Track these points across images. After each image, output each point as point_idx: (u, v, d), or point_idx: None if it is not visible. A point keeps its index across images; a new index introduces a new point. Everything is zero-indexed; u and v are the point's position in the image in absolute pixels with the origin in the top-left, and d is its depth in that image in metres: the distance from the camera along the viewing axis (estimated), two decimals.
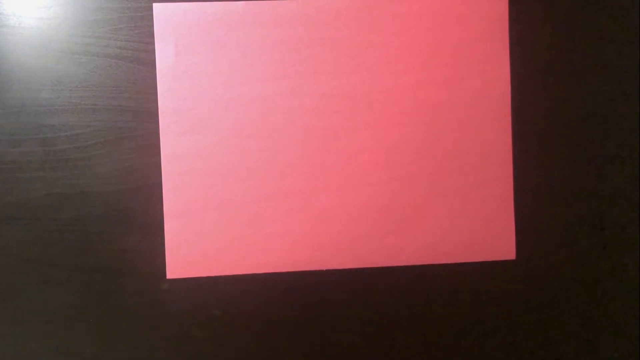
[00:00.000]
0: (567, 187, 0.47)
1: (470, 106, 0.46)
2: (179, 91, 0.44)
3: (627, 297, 0.47)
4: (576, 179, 0.47)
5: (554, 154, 0.46)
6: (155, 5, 0.44)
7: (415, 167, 0.46)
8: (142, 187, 0.45)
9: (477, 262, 0.46)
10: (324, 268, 0.46)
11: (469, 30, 0.46)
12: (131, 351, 0.45)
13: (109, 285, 0.45)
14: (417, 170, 0.46)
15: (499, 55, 0.46)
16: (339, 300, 0.47)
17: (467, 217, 0.46)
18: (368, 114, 0.46)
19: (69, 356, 0.45)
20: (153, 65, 0.45)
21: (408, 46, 0.45)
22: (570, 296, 0.47)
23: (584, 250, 0.47)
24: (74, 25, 0.44)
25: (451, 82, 0.46)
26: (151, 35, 0.45)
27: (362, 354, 0.47)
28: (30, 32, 0.44)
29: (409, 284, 0.47)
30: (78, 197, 0.45)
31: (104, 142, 0.45)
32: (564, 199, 0.47)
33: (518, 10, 0.46)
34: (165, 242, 0.45)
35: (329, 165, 0.45)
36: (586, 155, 0.46)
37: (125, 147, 0.45)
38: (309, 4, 0.45)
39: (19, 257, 0.45)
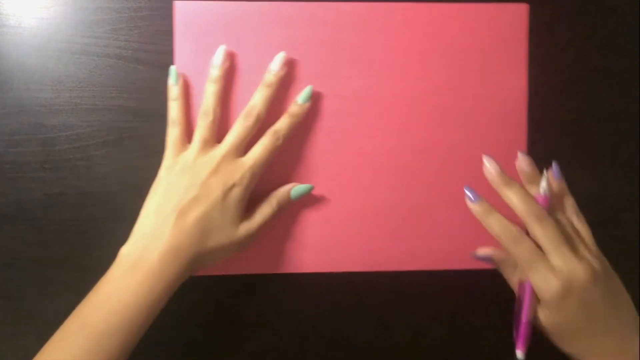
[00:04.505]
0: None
1: (486, 114, 0.46)
2: (197, 90, 0.44)
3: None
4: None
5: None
6: (176, 2, 0.44)
7: (429, 173, 0.46)
8: (142, 187, 0.45)
9: (487, 269, 0.46)
10: (333, 270, 0.46)
11: (488, 39, 0.45)
12: None
13: None
14: (430, 176, 0.46)
15: (516, 65, 0.46)
16: (346, 303, 0.47)
17: (479, 224, 0.46)
18: (384, 118, 0.45)
19: None
20: (153, 65, 0.45)
21: (426, 52, 0.45)
22: None
23: None
24: (74, 25, 0.44)
25: (468, 89, 0.45)
26: (151, 35, 0.45)
27: (367, 357, 0.47)
28: (30, 32, 0.44)
29: (419, 289, 0.47)
30: (78, 197, 0.45)
31: (104, 142, 0.45)
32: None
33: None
34: None
35: (341, 168, 0.45)
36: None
37: (125, 147, 0.45)
38: (329, 7, 0.45)
39: (19, 257, 0.45)
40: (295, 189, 0.44)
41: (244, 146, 0.42)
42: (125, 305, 0.37)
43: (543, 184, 0.40)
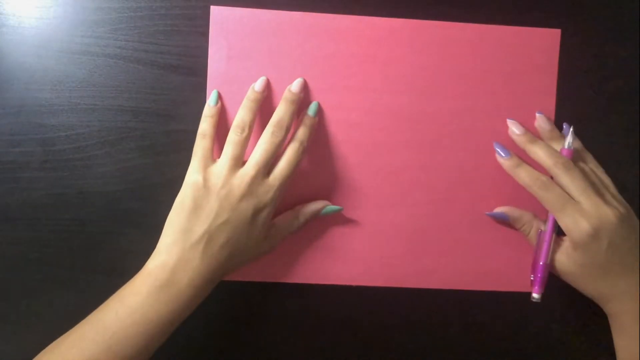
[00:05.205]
0: None
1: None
2: (228, 95, 0.44)
3: None
4: None
5: None
6: (213, 7, 0.44)
7: (454, 192, 0.46)
8: (142, 187, 0.45)
9: (507, 292, 0.46)
10: (350, 284, 0.46)
11: (519, 62, 0.46)
12: None
13: (109, 285, 0.45)
14: (455, 195, 0.46)
15: (546, 89, 0.46)
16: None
17: (500, 246, 0.46)
18: (412, 134, 0.45)
19: None
20: (153, 65, 0.45)
21: (458, 71, 0.45)
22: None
23: None
24: (74, 25, 0.44)
25: (498, 111, 0.45)
26: (151, 35, 0.45)
27: None
28: (30, 32, 0.44)
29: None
30: (78, 197, 0.45)
31: (104, 142, 0.45)
32: None
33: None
34: None
35: (368, 181, 0.45)
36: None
37: (125, 147, 0.45)
38: (364, 21, 0.45)
39: (19, 257, 0.45)
40: (326, 209, 0.44)
41: (272, 162, 0.42)
42: (147, 320, 0.37)
43: (569, 138, 0.43)
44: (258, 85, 0.43)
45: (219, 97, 0.44)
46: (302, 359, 0.47)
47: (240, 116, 0.42)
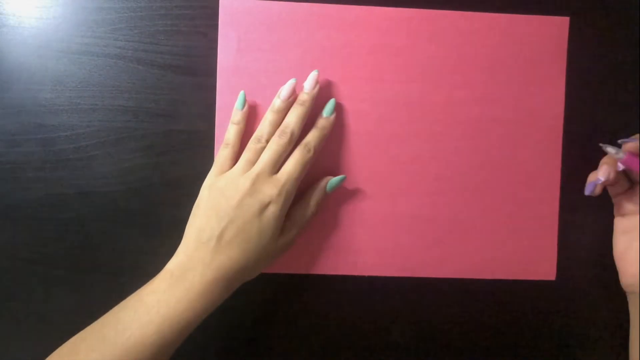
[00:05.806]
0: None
1: (523, 125, 0.46)
2: (238, 87, 0.44)
3: None
4: None
5: None
6: None
7: (464, 181, 0.46)
8: (142, 187, 0.45)
9: (516, 280, 0.46)
10: (365, 274, 0.46)
11: (528, 50, 0.46)
12: None
13: (109, 285, 0.45)
14: (465, 184, 0.46)
15: (555, 77, 0.46)
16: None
17: (511, 235, 0.46)
18: (422, 124, 0.45)
19: None
20: (153, 65, 0.45)
21: (467, 61, 0.45)
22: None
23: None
24: (74, 25, 0.44)
25: (507, 99, 0.46)
26: (151, 35, 0.45)
27: None
28: (30, 32, 0.44)
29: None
30: (78, 197, 0.45)
31: (104, 142, 0.45)
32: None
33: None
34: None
35: (380, 171, 0.45)
36: None
37: (125, 147, 0.45)
38: (373, 11, 0.45)
39: (19, 257, 0.45)
40: (330, 183, 0.44)
41: (280, 163, 0.42)
42: (162, 316, 0.38)
43: None
44: (285, 92, 0.43)
45: (246, 102, 0.43)
46: (307, 356, 0.47)
47: (261, 129, 0.43)
